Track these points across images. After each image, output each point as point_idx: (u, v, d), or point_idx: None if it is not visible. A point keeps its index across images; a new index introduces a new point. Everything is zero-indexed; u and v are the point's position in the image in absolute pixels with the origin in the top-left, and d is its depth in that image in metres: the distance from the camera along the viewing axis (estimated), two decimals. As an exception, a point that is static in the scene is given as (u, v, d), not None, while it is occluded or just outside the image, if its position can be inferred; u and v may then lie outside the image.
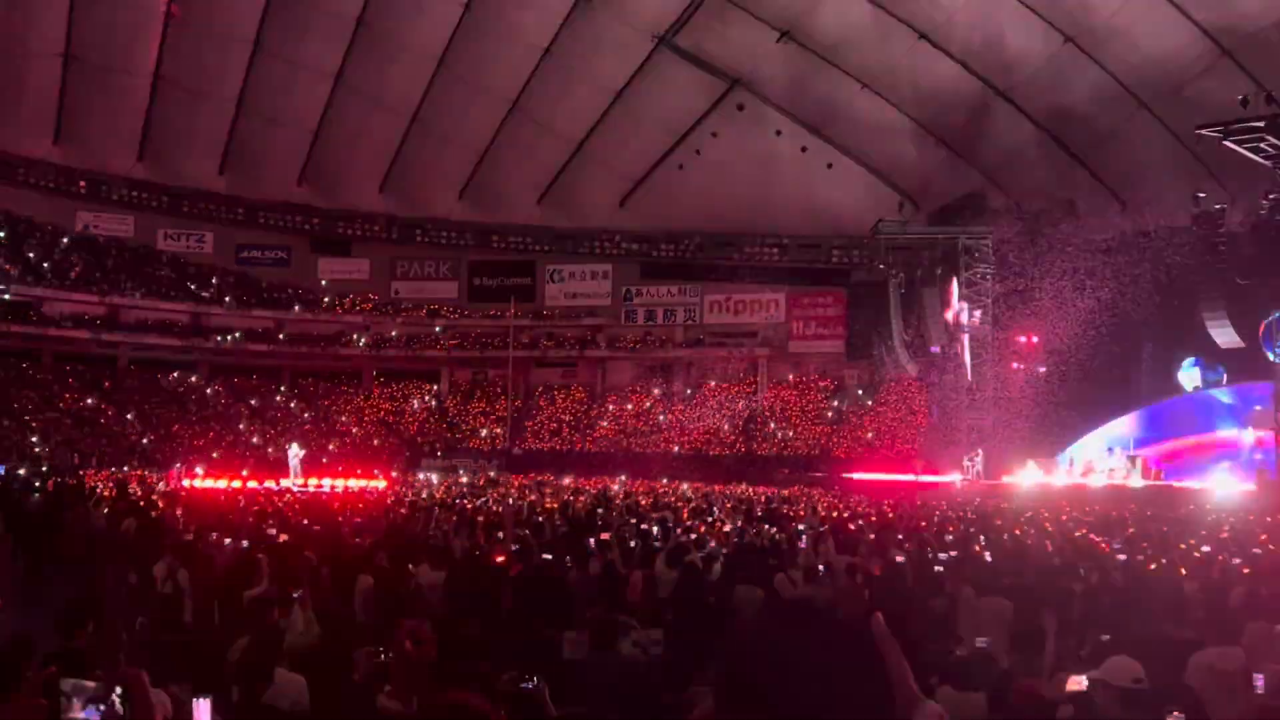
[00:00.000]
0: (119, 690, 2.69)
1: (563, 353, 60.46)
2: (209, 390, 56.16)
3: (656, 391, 59.49)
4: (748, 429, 55.29)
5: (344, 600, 10.16)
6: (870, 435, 51.26)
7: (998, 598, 9.40)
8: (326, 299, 60.21)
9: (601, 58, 51.13)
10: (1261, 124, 28.73)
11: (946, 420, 43.38)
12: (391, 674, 5.30)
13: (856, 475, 41.52)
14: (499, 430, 56.71)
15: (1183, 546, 14.41)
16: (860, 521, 19.26)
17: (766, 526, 17.63)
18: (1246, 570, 11.49)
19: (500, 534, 14.07)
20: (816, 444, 52.58)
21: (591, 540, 13.27)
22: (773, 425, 55.16)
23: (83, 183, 56.52)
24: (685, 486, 37.83)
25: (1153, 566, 12.06)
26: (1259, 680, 6.06)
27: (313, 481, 36.13)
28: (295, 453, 39.58)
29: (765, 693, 1.47)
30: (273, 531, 14.32)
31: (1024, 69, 43.64)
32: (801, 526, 17.49)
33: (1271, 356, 31.43)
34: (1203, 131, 30.42)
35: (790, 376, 58.58)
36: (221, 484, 33.13)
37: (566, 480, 40.71)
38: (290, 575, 9.53)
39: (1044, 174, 44.72)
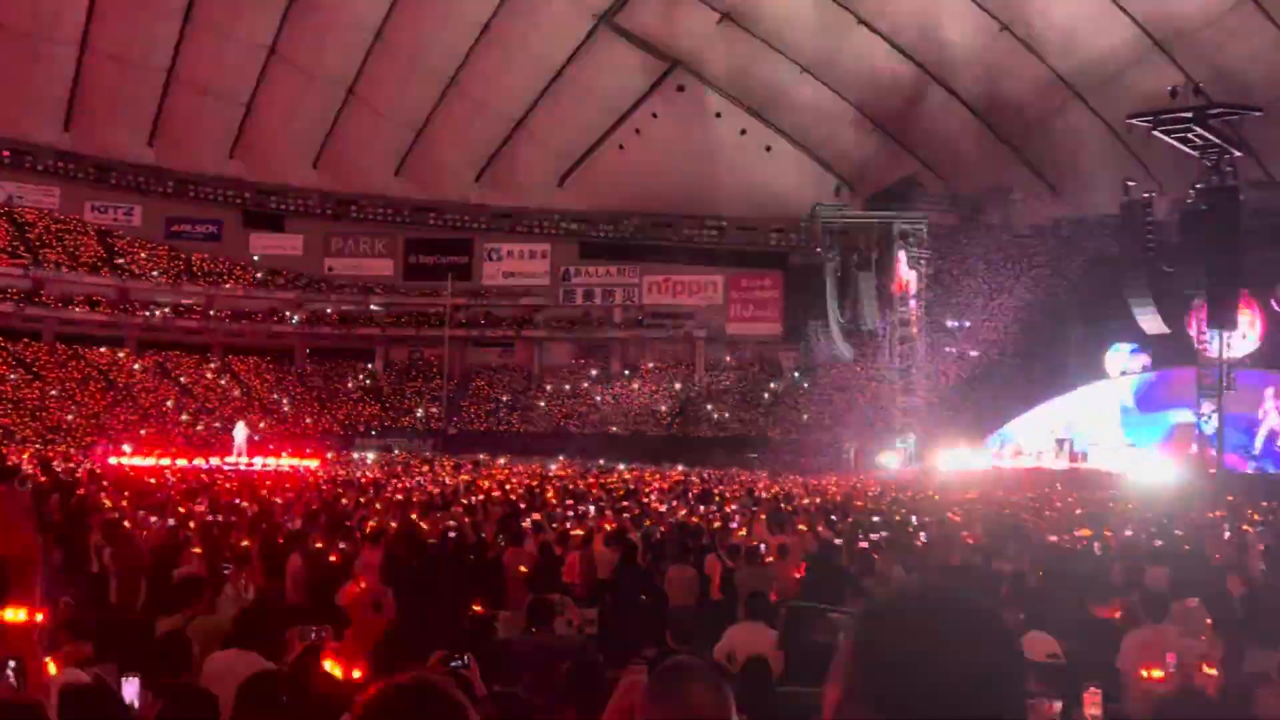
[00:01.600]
0: (13, 665, 2.63)
1: (500, 332, 60.12)
2: (137, 366, 55.09)
3: (594, 372, 59.44)
4: (684, 410, 55.48)
5: (275, 580, 10.06)
6: (805, 417, 51.68)
7: (928, 577, 9.55)
8: (259, 275, 59.29)
9: (541, 35, 50.77)
10: (1189, 115, 29.35)
11: (880, 403, 43.85)
12: (344, 640, 5.23)
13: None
14: (434, 410, 56.31)
15: (1109, 527, 14.73)
16: (793, 503, 19.45)
17: (701, 507, 17.73)
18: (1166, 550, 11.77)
19: (438, 514, 14.03)
20: (752, 426, 52.89)
21: (527, 521, 13.27)
22: (709, 407, 55.39)
23: (6, 153, 55.01)
24: (622, 467, 37.97)
25: (1079, 547, 12.32)
26: (1170, 658, 6.22)
27: (243, 460, 35.70)
28: (241, 431, 38.98)
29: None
30: (202, 509, 14.14)
31: (960, 57, 44.11)
32: (734, 507, 17.63)
33: (1197, 344, 32.19)
34: (1133, 121, 31.00)
35: (727, 358, 58.81)
36: (150, 461, 32.61)
37: (502, 460, 40.62)
38: (220, 554, 9.41)
39: (978, 160, 45.32)
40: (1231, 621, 7.79)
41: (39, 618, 2.70)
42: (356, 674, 4.81)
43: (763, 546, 11.05)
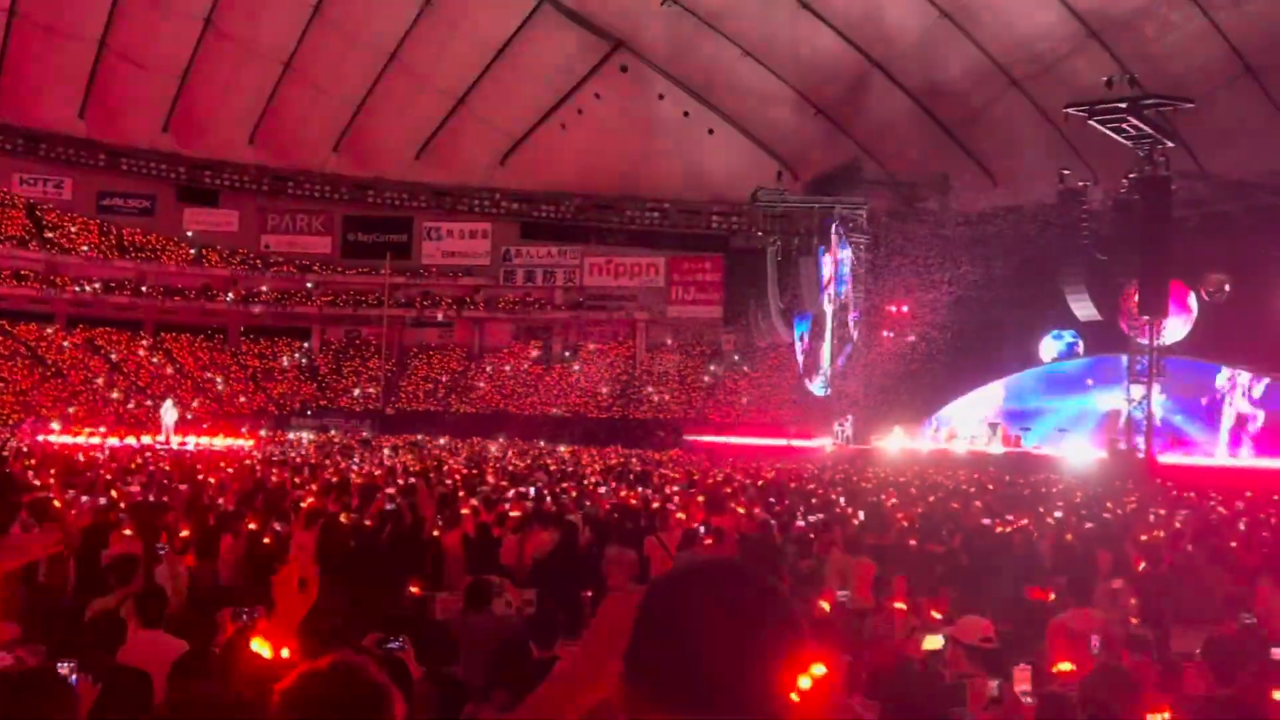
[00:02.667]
0: None
1: (439, 312, 59.71)
2: (66, 343, 53.98)
3: (534, 353, 59.28)
4: (625, 392, 55.54)
5: (207, 561, 9.94)
6: (745, 400, 51.99)
7: (863, 558, 9.68)
8: (193, 251, 58.27)
9: (483, 12, 50.28)
10: (1124, 105, 29.75)
11: (817, 385, 44.16)
12: (272, 618, 5.18)
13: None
14: (372, 390, 55.84)
15: (1039, 511, 15.00)
16: (732, 485, 19.55)
17: (640, 488, 17.77)
18: (1097, 533, 12.01)
19: (378, 494, 13.93)
20: (692, 408, 53.11)
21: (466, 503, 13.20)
22: (649, 389, 55.50)
23: (-70, 122, 53.53)
24: (562, 448, 37.95)
25: (1010, 530, 12.53)
26: (1094, 640, 6.34)
27: (176, 439, 35.16)
28: (168, 410, 38.29)
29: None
30: (135, 490, 13.92)
31: (900, 43, 44.39)
32: (676, 488, 17.70)
33: (1128, 331, 32.78)
34: (1069, 111, 31.38)
35: (668, 341, 58.95)
36: (79, 439, 32.03)
37: (442, 441, 40.42)
38: (153, 535, 9.27)
39: (918, 147, 45.71)
40: (1157, 602, 7.98)
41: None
42: (285, 652, 4.77)
43: (700, 529, 11.10)
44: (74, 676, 3.90)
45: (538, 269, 60.27)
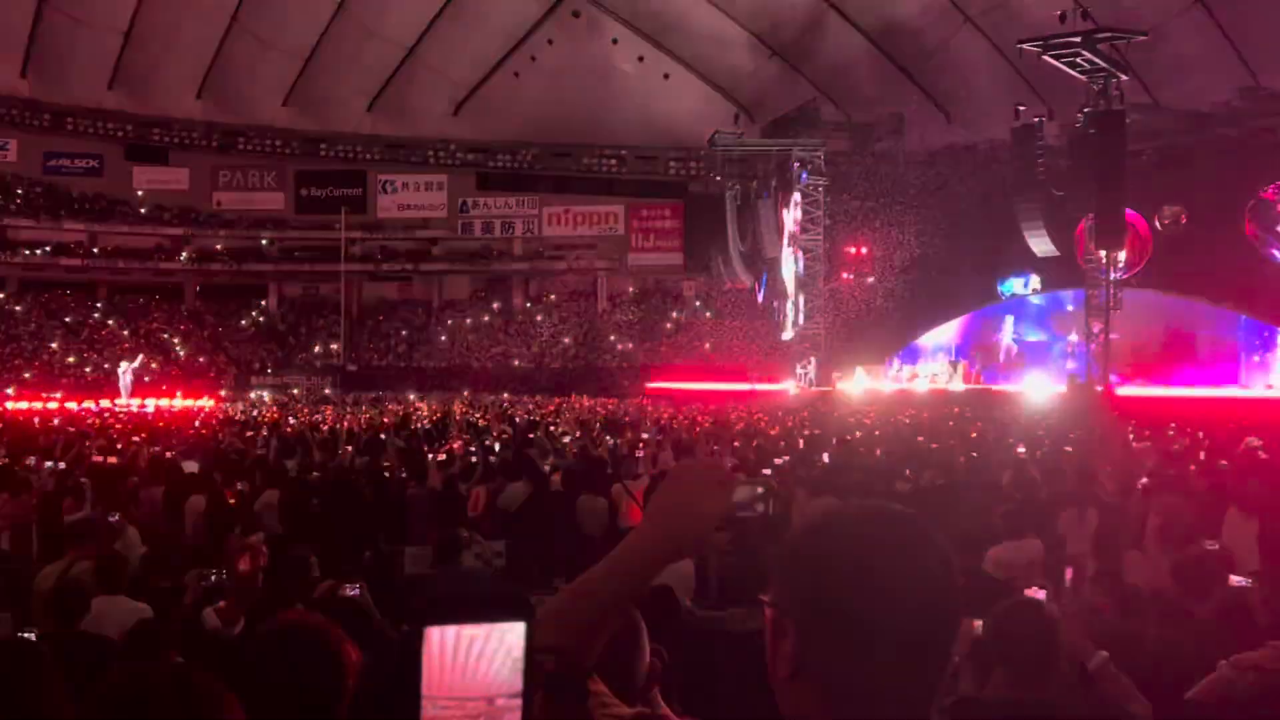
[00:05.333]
0: None
1: (397, 266, 59.17)
2: (17, 307, 53.14)
3: (496, 305, 59.00)
4: (587, 341, 55.47)
5: (175, 522, 9.87)
6: (708, 346, 52.08)
7: (827, 497, 9.73)
8: (143, 210, 57.29)
9: (432, -41, 49.45)
10: (1078, 39, 29.77)
11: (780, 330, 44.32)
12: (225, 592, 5.16)
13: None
14: (333, 346, 55.43)
15: (1003, 445, 15.16)
16: (697, 429, 19.63)
17: (606, 437, 17.79)
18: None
19: (341, 451, 13.87)
20: (656, 355, 53.13)
21: (431, 456, 13.18)
22: (612, 337, 55.45)
23: None
24: (526, 400, 37.94)
25: (973, 465, 12.65)
26: (1068, 572, 6.38)
27: (135, 401, 34.82)
28: (125, 369, 37.77)
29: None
30: (91, 451, 13.78)
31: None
32: (646, 435, 17.73)
33: (1083, 265, 33.03)
34: (1023, 46, 31.37)
35: (629, 289, 58.82)
36: (37, 405, 31.66)
37: (413, 396, 40.29)
38: (115, 498, 9.18)
39: (874, 87, 45.59)
40: (1113, 530, 8.08)
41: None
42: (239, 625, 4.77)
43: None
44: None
45: (496, 220, 59.77)
